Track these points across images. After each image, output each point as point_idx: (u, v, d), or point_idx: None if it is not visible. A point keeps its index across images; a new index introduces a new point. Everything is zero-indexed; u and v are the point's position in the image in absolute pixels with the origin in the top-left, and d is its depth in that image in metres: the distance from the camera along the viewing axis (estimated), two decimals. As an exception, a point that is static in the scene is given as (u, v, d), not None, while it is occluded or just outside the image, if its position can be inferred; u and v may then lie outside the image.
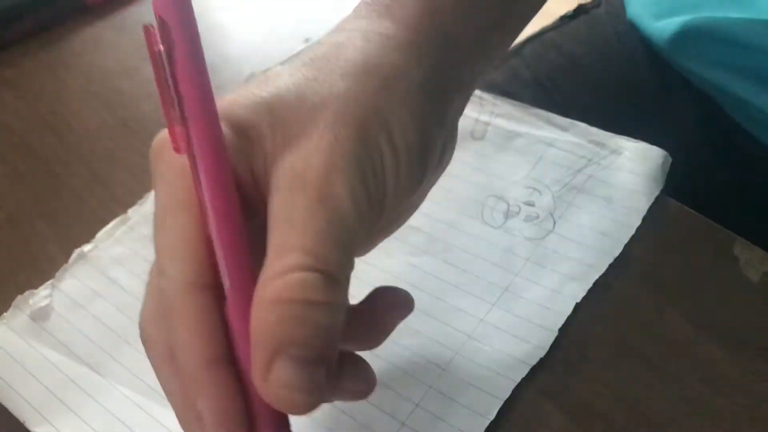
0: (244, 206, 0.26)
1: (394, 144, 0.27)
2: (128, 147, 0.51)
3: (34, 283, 0.42)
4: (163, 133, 0.27)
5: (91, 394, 0.37)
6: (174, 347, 0.26)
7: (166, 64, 0.25)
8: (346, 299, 0.26)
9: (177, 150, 0.26)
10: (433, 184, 0.33)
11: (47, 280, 0.42)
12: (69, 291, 0.42)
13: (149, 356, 0.28)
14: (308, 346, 0.24)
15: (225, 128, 0.26)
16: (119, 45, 0.60)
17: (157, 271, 0.26)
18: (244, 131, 0.26)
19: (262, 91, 0.27)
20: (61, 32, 0.62)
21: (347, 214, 0.25)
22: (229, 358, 0.25)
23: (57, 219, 0.47)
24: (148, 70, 0.56)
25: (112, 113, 0.54)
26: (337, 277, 0.25)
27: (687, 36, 0.55)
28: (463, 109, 0.34)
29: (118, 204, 0.46)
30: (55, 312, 0.41)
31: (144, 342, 0.28)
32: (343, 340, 0.27)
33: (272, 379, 0.24)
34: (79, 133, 0.52)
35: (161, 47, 0.25)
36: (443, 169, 0.33)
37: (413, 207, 0.33)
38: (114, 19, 0.63)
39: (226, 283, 0.25)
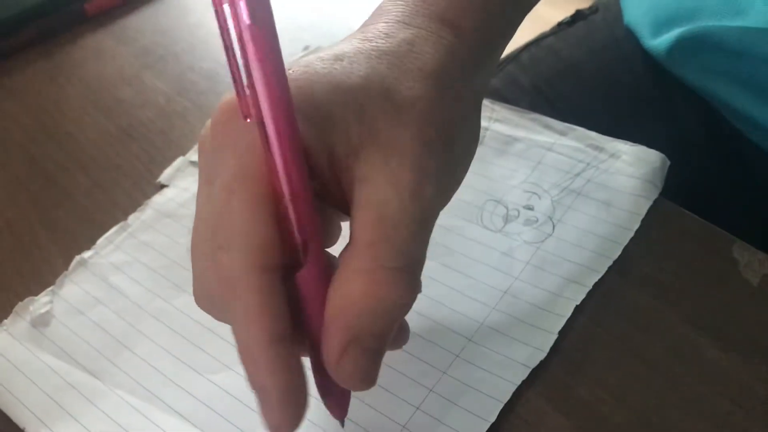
0: (319, 186, 0.28)
1: (466, 149, 0.31)
2: (128, 154, 0.51)
3: (35, 289, 0.42)
4: (229, 100, 0.27)
5: (92, 399, 0.37)
6: (234, 324, 0.26)
7: (231, 24, 0.25)
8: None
9: (245, 117, 0.26)
10: None
11: (47, 286, 0.42)
12: (69, 297, 0.42)
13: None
14: (380, 339, 0.26)
15: (302, 103, 0.26)
16: (119, 54, 0.60)
17: (217, 244, 0.26)
18: (325, 112, 0.27)
19: (344, 75, 0.28)
20: (62, 42, 0.62)
21: (432, 211, 0.28)
22: (292, 337, 0.26)
23: (57, 226, 0.47)
24: (147, 79, 0.57)
25: (113, 121, 0.54)
26: (419, 271, 0.27)
27: (684, 45, 0.56)
28: None
29: (118, 211, 0.47)
30: (55, 318, 0.41)
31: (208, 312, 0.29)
32: None
33: (344, 364, 0.26)
34: (79, 140, 0.53)
35: (226, 6, 0.25)
36: None
37: None
38: (114, 29, 0.63)
39: (303, 256, 0.26)
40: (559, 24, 0.65)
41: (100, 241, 0.44)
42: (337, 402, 0.30)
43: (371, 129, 0.27)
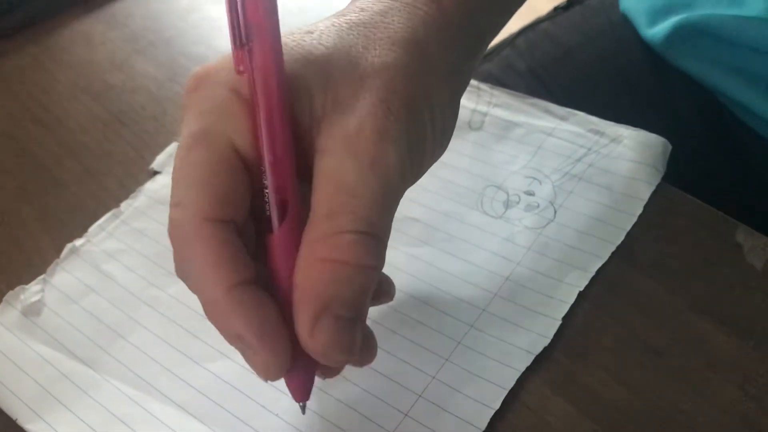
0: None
1: (435, 119, 0.29)
2: (120, 141, 0.50)
3: (25, 278, 0.41)
4: (197, 70, 0.27)
5: (85, 389, 0.36)
6: (193, 280, 0.26)
7: None
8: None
9: (239, 72, 0.26)
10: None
11: (39, 275, 0.41)
12: (61, 286, 0.41)
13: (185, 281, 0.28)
14: (352, 307, 0.26)
15: None
16: (109, 39, 0.59)
17: (174, 202, 0.26)
18: (291, 83, 0.27)
19: (311, 46, 0.28)
20: (51, 26, 0.61)
21: (395, 181, 0.26)
22: (256, 282, 0.26)
23: (48, 214, 0.46)
24: (138, 64, 0.56)
25: (103, 107, 0.53)
26: (383, 239, 0.26)
27: (680, 34, 0.55)
28: (467, 84, 0.36)
29: (110, 198, 0.46)
30: (46, 307, 0.40)
31: (184, 281, 0.28)
32: None
33: (317, 336, 0.25)
34: (69, 127, 0.51)
35: None
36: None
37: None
38: (104, 14, 0.62)
39: (274, 215, 0.26)
40: (555, 8, 0.64)
41: (92, 228, 0.43)
42: (300, 381, 0.29)
43: (334, 98, 0.27)
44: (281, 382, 0.29)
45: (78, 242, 0.43)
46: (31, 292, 0.40)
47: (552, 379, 0.35)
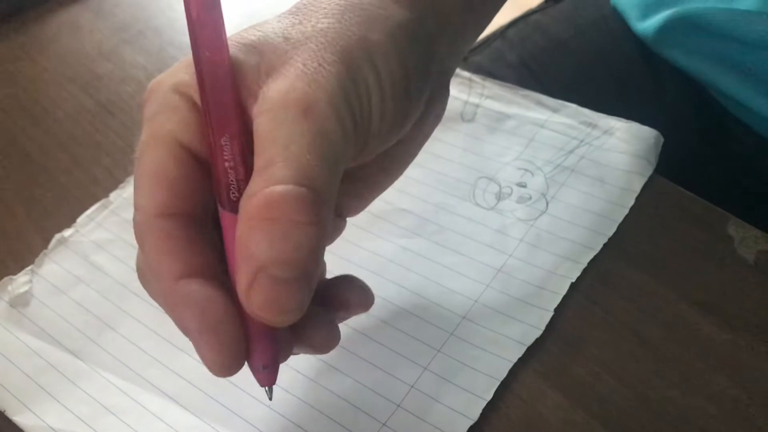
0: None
1: (379, 73, 0.27)
2: (108, 130, 0.49)
3: (13, 269, 0.41)
4: (153, 80, 0.27)
5: (74, 380, 0.36)
6: (148, 272, 0.27)
7: None
8: (330, 218, 0.26)
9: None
10: (427, 136, 0.33)
11: (27, 266, 0.41)
12: (49, 277, 0.40)
13: (143, 283, 0.28)
14: (289, 266, 0.24)
15: None
16: (96, 28, 0.58)
17: (134, 208, 0.26)
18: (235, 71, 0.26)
19: (250, 35, 0.27)
20: (37, 15, 0.60)
21: (332, 130, 0.25)
22: (208, 274, 0.25)
23: (35, 204, 0.45)
24: (127, 54, 0.55)
25: (90, 97, 0.52)
26: (322, 193, 0.24)
27: (672, 28, 0.55)
28: (452, 70, 0.34)
29: (98, 188, 0.45)
30: (35, 298, 0.39)
31: (144, 286, 0.28)
32: None
33: (253, 297, 0.24)
34: (56, 117, 0.51)
35: None
36: (436, 122, 0.33)
37: (405, 156, 0.33)
38: (91, 3, 0.61)
39: (224, 194, 0.25)
40: (546, 0, 0.64)
41: (81, 218, 0.43)
42: (262, 364, 0.28)
43: (267, 71, 0.26)
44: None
45: (66, 233, 0.42)
46: (19, 282, 0.40)
47: (544, 370, 0.35)
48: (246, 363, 0.27)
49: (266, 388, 0.29)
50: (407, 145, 0.32)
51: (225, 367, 0.26)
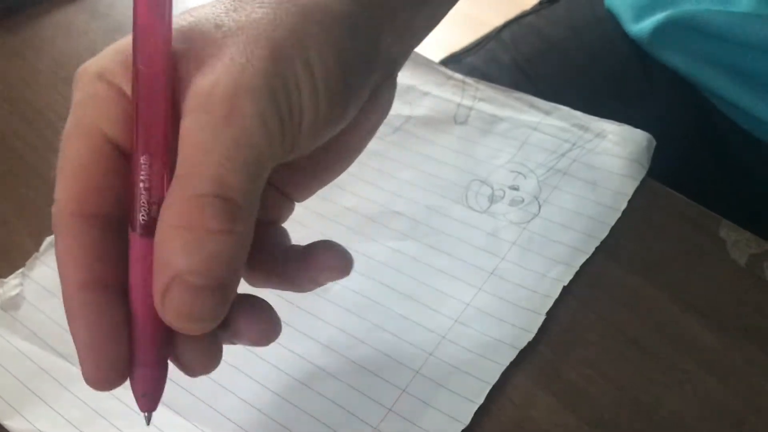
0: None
1: (311, 67, 0.26)
2: (101, 133, 0.49)
3: (4, 272, 0.41)
4: (85, 63, 0.26)
5: (65, 384, 0.36)
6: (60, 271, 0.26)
7: None
8: (251, 225, 0.25)
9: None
10: (375, 126, 0.32)
11: (17, 269, 0.41)
12: (40, 280, 0.40)
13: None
14: (203, 274, 0.24)
15: None
16: (90, 30, 0.58)
17: (54, 197, 0.26)
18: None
19: (181, 20, 0.26)
20: (31, 16, 0.60)
21: (255, 133, 0.24)
22: (111, 289, 0.25)
23: (27, 206, 0.45)
24: (120, 55, 0.55)
25: (84, 99, 0.52)
26: (239, 202, 0.24)
27: (666, 30, 0.55)
28: (402, 60, 0.33)
29: (91, 190, 0.45)
30: (26, 301, 0.39)
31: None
32: (269, 276, 0.29)
33: (167, 304, 0.24)
34: (49, 118, 0.51)
35: None
36: (385, 113, 0.32)
37: (355, 145, 0.32)
38: (85, 4, 0.61)
39: (136, 215, 0.25)
40: (541, 2, 0.64)
41: (73, 221, 0.43)
42: (143, 389, 0.27)
43: (196, 62, 0.25)
44: (258, 374, 0.29)
45: (58, 235, 0.42)
46: (10, 286, 0.40)
47: (536, 374, 0.35)
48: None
49: (144, 414, 0.28)
50: (353, 135, 0.31)
51: (99, 383, 0.26)
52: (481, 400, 0.33)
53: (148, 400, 0.28)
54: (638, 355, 0.35)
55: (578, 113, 0.46)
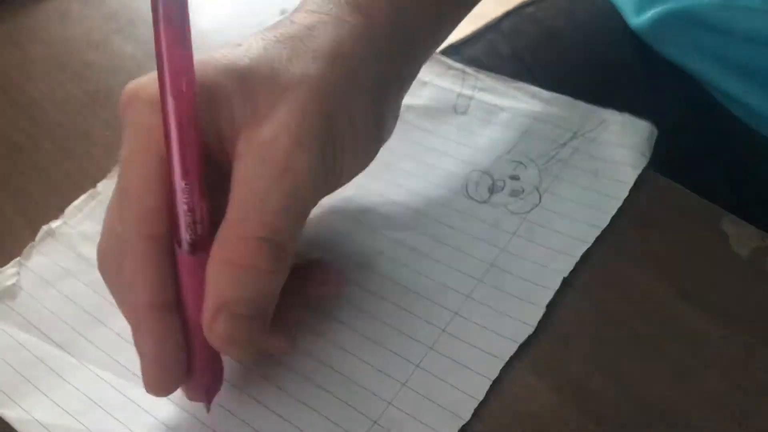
0: (210, 167, 0.28)
1: (355, 126, 0.30)
2: (96, 120, 0.49)
3: (0, 261, 0.40)
4: (133, 83, 0.29)
5: (62, 374, 0.36)
6: (123, 288, 0.29)
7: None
8: (290, 261, 0.29)
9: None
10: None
11: (14, 258, 0.41)
12: (37, 269, 0.40)
13: (108, 285, 0.31)
14: (248, 306, 0.28)
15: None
16: (86, 17, 0.58)
17: (118, 214, 0.28)
18: (212, 93, 0.28)
19: (236, 58, 0.29)
20: (26, 3, 0.59)
21: (305, 188, 0.28)
22: (174, 306, 0.29)
23: (23, 195, 0.45)
24: (116, 43, 0.54)
25: (80, 86, 0.52)
26: (285, 246, 0.28)
27: (667, 22, 0.55)
28: (408, 88, 0.37)
29: (86, 178, 0.45)
30: (22, 291, 0.39)
31: (102, 274, 0.31)
32: None
33: (215, 330, 0.28)
34: (44, 106, 0.50)
35: None
36: (389, 135, 0.36)
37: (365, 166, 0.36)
38: (80, -9, 0.60)
39: (183, 235, 0.28)
40: (541, -8, 0.64)
41: (69, 209, 0.42)
42: (201, 381, 0.31)
43: (254, 108, 0.28)
44: (258, 367, 0.33)
45: (54, 224, 0.42)
46: (6, 275, 0.40)
47: (537, 368, 0.35)
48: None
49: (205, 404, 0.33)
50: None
51: (161, 391, 0.30)
52: (481, 396, 0.33)
53: (208, 392, 0.32)
54: (639, 349, 0.35)
55: (580, 102, 0.45)
